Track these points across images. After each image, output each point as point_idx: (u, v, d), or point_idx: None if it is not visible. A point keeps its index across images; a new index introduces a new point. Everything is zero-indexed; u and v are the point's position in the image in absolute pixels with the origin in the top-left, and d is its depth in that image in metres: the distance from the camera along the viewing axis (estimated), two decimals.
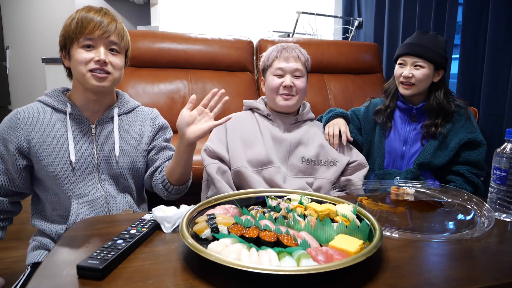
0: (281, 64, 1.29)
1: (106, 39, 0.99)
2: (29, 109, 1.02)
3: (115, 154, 1.06)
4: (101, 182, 1.05)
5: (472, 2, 1.69)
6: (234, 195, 0.88)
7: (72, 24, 0.98)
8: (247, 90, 1.99)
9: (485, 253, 0.73)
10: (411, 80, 1.36)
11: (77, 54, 0.98)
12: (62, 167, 1.00)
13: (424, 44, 1.36)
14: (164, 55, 1.94)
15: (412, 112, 1.43)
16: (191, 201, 0.88)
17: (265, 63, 1.34)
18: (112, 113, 1.08)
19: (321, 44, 2.22)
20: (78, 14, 0.99)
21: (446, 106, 1.37)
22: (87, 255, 0.63)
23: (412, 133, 1.43)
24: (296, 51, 1.32)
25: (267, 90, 1.32)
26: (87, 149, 1.03)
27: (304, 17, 2.84)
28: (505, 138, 0.92)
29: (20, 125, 0.98)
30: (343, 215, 0.78)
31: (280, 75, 1.29)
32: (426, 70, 1.35)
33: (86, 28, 0.97)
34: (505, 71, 1.56)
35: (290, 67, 1.28)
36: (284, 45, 1.34)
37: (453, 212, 0.96)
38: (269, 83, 1.30)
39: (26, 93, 4.85)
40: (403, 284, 0.60)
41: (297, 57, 1.31)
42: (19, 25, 4.79)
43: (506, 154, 0.90)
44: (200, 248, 0.60)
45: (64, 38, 1.01)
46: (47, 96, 1.05)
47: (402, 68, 1.39)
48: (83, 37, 0.98)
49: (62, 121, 1.02)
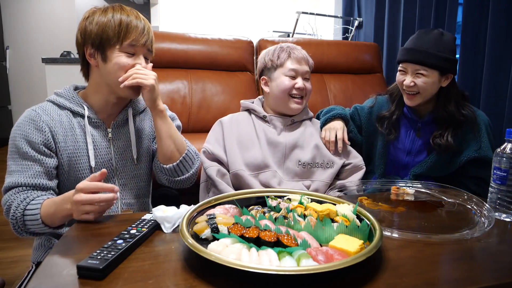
0: (294, 66, 1.27)
1: (145, 47, 0.99)
2: (47, 111, 0.97)
3: (133, 157, 1.05)
4: (120, 187, 1.03)
5: (472, 2, 1.69)
6: (234, 195, 0.88)
7: (114, 25, 0.94)
8: (247, 90, 1.99)
9: (485, 253, 0.73)
10: (414, 89, 1.23)
11: (119, 58, 0.95)
12: (82, 173, 0.98)
13: (425, 48, 1.20)
14: (164, 55, 1.94)
15: (417, 125, 1.32)
16: (191, 201, 0.88)
17: (274, 62, 1.29)
18: (127, 114, 1.06)
19: (321, 44, 2.22)
20: (117, 16, 0.95)
21: (457, 115, 1.23)
22: (87, 255, 0.63)
23: (416, 144, 1.33)
24: (303, 52, 1.31)
25: (277, 90, 1.28)
26: (106, 154, 1.02)
27: (304, 17, 2.84)
28: (505, 138, 0.92)
29: (44, 126, 0.94)
30: (343, 215, 0.78)
31: (293, 77, 1.27)
32: (430, 78, 1.21)
33: (132, 34, 0.95)
34: (505, 71, 1.55)
35: (303, 69, 1.28)
36: (290, 45, 1.32)
37: (453, 212, 0.96)
38: (280, 83, 1.27)
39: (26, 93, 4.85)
40: (403, 284, 0.60)
41: (307, 60, 1.31)
42: (19, 25, 4.80)
43: (506, 154, 0.90)
44: (200, 248, 0.60)
45: (100, 37, 0.94)
46: (60, 96, 1.01)
47: (403, 76, 1.26)
48: (128, 43, 0.95)
49: (80, 124, 1.00)
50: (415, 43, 1.24)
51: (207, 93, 1.90)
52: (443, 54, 1.20)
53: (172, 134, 1.03)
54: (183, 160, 1.06)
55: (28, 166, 0.92)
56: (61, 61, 2.35)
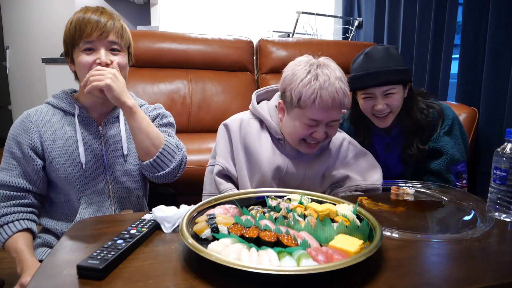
0: (317, 115, 0.99)
1: (105, 40, 0.97)
2: (39, 111, 1.02)
3: (123, 153, 1.06)
4: (110, 182, 1.05)
5: (472, 2, 1.69)
6: (234, 195, 0.88)
7: (71, 29, 0.97)
8: (247, 90, 1.99)
9: (485, 253, 0.73)
10: (386, 110, 1.20)
11: (79, 58, 0.97)
12: (73, 169, 1.01)
13: (387, 67, 1.16)
14: (164, 55, 1.94)
15: (385, 142, 1.33)
16: (191, 201, 0.88)
17: (295, 101, 0.99)
18: (118, 112, 1.09)
19: (321, 44, 2.22)
20: (75, 17, 0.98)
21: (422, 121, 1.24)
22: (87, 255, 0.63)
23: (392, 159, 1.34)
24: (337, 92, 0.96)
25: (289, 129, 1.06)
26: (97, 150, 1.04)
27: (304, 17, 2.84)
28: (505, 138, 0.92)
29: (32, 127, 0.99)
30: (343, 215, 0.78)
31: (313, 125, 1.02)
32: (399, 94, 1.19)
33: (84, 31, 0.95)
34: (505, 71, 1.55)
35: (329, 117, 1.00)
36: (322, 80, 0.97)
37: (453, 212, 0.96)
38: (294, 126, 1.03)
39: (26, 93, 4.85)
40: (403, 284, 0.60)
41: (339, 103, 0.98)
42: (19, 25, 4.79)
43: (506, 154, 0.90)
44: (200, 248, 0.60)
45: (66, 44, 1.00)
46: (56, 98, 1.06)
47: (371, 101, 1.21)
48: (83, 41, 0.96)
49: (71, 123, 1.03)
50: (372, 65, 1.19)
51: (207, 93, 1.90)
52: (402, 67, 1.19)
53: (144, 129, 0.99)
54: (161, 155, 1.02)
55: (13, 165, 0.98)
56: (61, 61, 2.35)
